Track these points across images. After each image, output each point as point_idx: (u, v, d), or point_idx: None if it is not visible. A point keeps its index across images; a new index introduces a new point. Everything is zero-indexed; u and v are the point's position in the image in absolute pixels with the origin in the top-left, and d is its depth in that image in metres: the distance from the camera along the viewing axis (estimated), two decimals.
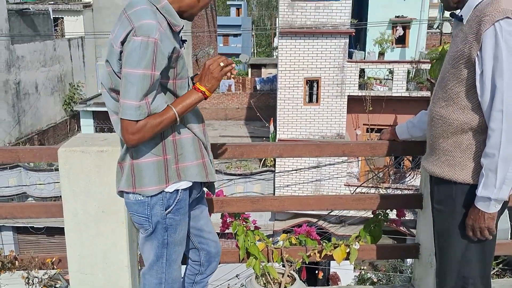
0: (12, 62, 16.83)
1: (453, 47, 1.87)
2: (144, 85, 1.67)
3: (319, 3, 13.90)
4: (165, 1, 1.77)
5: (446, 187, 1.90)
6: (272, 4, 58.87)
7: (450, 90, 1.85)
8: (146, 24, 1.66)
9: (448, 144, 1.88)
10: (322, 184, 14.48)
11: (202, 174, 1.93)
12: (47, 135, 18.96)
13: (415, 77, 14.87)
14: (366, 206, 2.66)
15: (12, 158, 2.46)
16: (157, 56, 1.66)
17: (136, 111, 1.69)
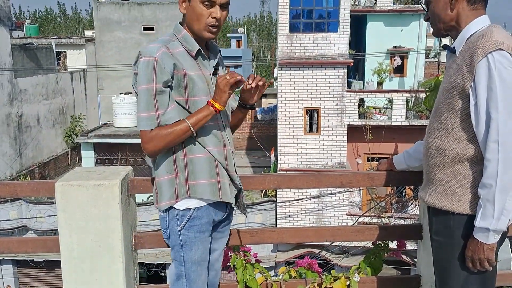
0: (15, 95, 17.01)
1: (446, 78, 1.88)
2: (148, 97, 1.88)
3: (317, 35, 14.13)
4: (184, 31, 1.99)
5: (444, 218, 1.89)
6: (272, 36, 59.83)
7: (445, 120, 1.86)
8: (149, 47, 1.92)
9: (445, 175, 1.88)
10: (324, 214, 14.39)
11: (215, 193, 2.00)
12: (48, 168, 18.98)
13: (414, 105, 14.97)
14: (365, 237, 2.63)
15: (10, 193, 2.46)
16: (156, 71, 1.86)
17: (147, 121, 1.89)
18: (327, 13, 14.24)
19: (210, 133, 2.01)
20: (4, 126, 16.38)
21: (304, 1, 14.13)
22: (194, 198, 1.98)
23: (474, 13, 1.85)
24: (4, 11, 16.32)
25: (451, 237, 1.86)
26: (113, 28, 21.65)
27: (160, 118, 1.90)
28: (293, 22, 14.25)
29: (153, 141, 1.91)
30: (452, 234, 1.86)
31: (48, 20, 58.56)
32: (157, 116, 1.89)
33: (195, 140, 1.99)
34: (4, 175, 16.10)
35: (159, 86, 1.88)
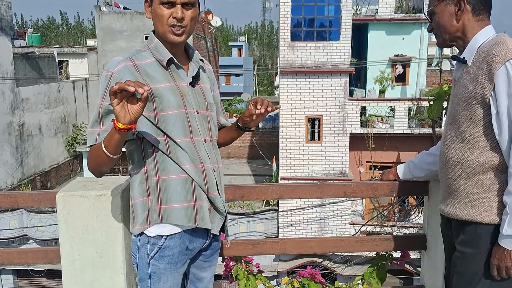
0: (17, 104, 17.04)
1: (460, 89, 1.86)
2: (96, 113, 1.77)
3: (318, 43, 14.16)
4: (156, 40, 1.84)
5: (471, 229, 1.86)
6: (273, 45, 60.08)
7: (465, 131, 1.85)
8: (111, 60, 1.79)
9: (469, 186, 1.86)
10: (326, 223, 14.33)
11: (190, 219, 1.81)
12: (49, 176, 18.97)
13: (416, 114, 14.96)
14: (368, 248, 2.60)
15: (11, 204, 2.44)
16: (108, 87, 1.71)
17: (89, 137, 1.79)
18: (329, 21, 14.29)
19: (185, 149, 1.82)
20: (5, 135, 16.40)
21: (306, 10, 14.18)
22: (167, 223, 1.80)
23: (480, 23, 1.86)
24: (6, 20, 16.40)
25: (477, 247, 1.84)
26: (115, 37, 21.73)
27: (100, 134, 1.75)
28: (294, 30, 14.30)
29: (89, 158, 1.79)
30: (478, 244, 1.84)
31: (50, 29, 58.92)
32: (98, 132, 1.75)
33: (169, 158, 1.81)
34: (5, 184, 16.09)
35: (106, 104, 1.72)
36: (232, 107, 35.16)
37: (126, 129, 1.61)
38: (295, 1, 14.12)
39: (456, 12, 1.86)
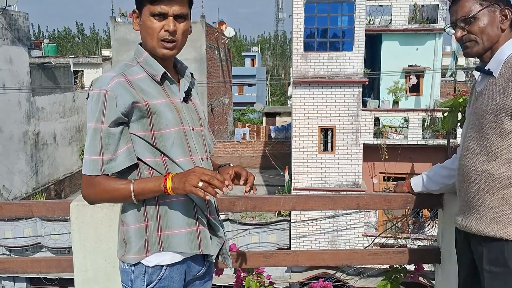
0: (32, 113, 17.29)
1: (486, 100, 1.81)
2: (95, 139, 1.59)
3: (331, 54, 14.17)
4: (146, 53, 1.70)
5: (497, 246, 1.80)
6: (286, 55, 60.25)
7: (491, 144, 1.79)
8: (101, 77, 1.63)
9: (494, 201, 1.80)
10: (339, 235, 14.23)
11: (193, 244, 1.68)
12: (63, 185, 19.15)
13: (430, 125, 14.84)
14: (382, 261, 2.58)
15: (26, 212, 2.47)
16: (106, 108, 1.57)
17: (89, 165, 1.60)
18: (342, 32, 14.30)
19: (182, 169, 1.68)
20: (21, 144, 16.63)
21: (319, 21, 14.22)
22: (169, 251, 1.66)
23: (510, 35, 1.83)
24: (23, 31, 16.69)
25: (507, 266, 1.78)
26: (130, 48, 21.96)
27: (104, 164, 1.59)
28: (307, 41, 14.33)
29: (95, 188, 1.61)
30: (508, 263, 1.77)
31: (66, 39, 59.84)
32: (101, 161, 1.59)
33: None
34: (20, 192, 16.28)
35: (106, 126, 1.57)
36: (244, 117, 35.24)
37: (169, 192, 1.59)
38: (308, 11, 14.16)
39: (502, 20, 1.81)
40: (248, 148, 22.49)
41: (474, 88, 1.97)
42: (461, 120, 2.93)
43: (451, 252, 2.37)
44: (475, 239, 1.88)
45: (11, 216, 3.03)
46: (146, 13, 1.65)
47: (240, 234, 13.51)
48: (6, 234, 13.27)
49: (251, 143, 22.72)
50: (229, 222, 13.79)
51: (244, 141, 23.06)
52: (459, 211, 1.99)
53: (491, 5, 1.81)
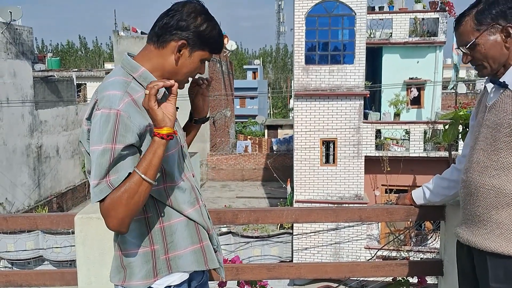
0: (35, 126, 17.37)
1: (500, 114, 1.77)
2: (104, 161, 1.45)
3: (333, 67, 14.25)
4: (143, 68, 1.60)
5: (504, 263, 1.76)
6: (288, 68, 60.51)
7: (504, 158, 1.75)
8: (108, 95, 1.50)
9: (503, 216, 1.76)
10: (341, 247, 14.17)
11: (200, 261, 1.69)
12: (65, 198, 19.16)
13: (432, 137, 14.85)
14: (384, 273, 2.58)
15: (30, 225, 2.49)
16: (118, 129, 1.46)
17: (97, 190, 1.47)
18: (343, 45, 14.39)
19: (186, 190, 1.67)
20: (24, 157, 16.68)
21: (320, 34, 14.32)
22: (177, 272, 1.65)
23: None
24: (28, 45, 16.84)
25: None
26: None
27: (112, 183, 1.47)
28: (308, 54, 14.42)
29: (111, 211, 1.47)
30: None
31: (70, 53, 60.25)
32: (108, 181, 1.46)
33: (169, 206, 1.63)
34: (23, 205, 16.29)
35: (119, 147, 1.46)
36: (246, 130, 35.29)
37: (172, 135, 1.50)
38: (309, 25, 14.27)
39: (505, 40, 1.76)
40: (250, 161, 22.50)
41: (481, 99, 1.94)
42: (462, 133, 2.95)
43: (454, 264, 2.36)
44: (480, 254, 1.84)
45: (16, 229, 3.06)
46: (199, 55, 1.62)
47: (242, 247, 13.47)
48: (9, 247, 13.26)
49: (253, 156, 22.74)
50: (231, 235, 13.76)
51: (246, 154, 23.08)
52: (462, 224, 1.95)
53: (490, 27, 1.77)
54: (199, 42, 1.61)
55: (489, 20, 1.76)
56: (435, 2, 15.82)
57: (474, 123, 1.97)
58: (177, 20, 1.59)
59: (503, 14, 1.75)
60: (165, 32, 1.60)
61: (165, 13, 1.62)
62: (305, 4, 14.10)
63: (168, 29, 1.59)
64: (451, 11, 15.55)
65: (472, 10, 1.82)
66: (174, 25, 1.58)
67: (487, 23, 1.77)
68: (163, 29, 1.60)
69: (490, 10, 1.77)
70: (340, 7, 14.07)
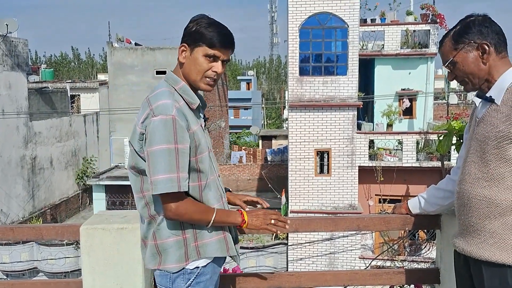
0: (30, 138, 17.34)
1: (488, 127, 1.84)
2: (171, 159, 1.78)
3: (326, 78, 14.39)
4: (182, 82, 1.92)
5: (499, 272, 1.81)
6: (281, 78, 60.75)
7: (493, 170, 1.81)
8: (162, 104, 1.81)
9: (495, 226, 1.81)
10: (336, 257, 14.19)
11: (223, 249, 2.00)
12: (59, 209, 19.07)
13: (424, 147, 15.00)
14: (383, 281, 2.64)
15: (36, 236, 2.52)
16: (177, 130, 1.79)
17: (166, 183, 1.78)
18: (336, 57, 14.56)
19: (213, 188, 1.99)
20: (18, 168, 16.63)
21: (314, 46, 14.49)
22: (204, 258, 1.97)
23: (503, 61, 1.88)
24: (23, 57, 16.88)
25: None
26: (126, 72, 22.18)
27: (181, 181, 1.80)
28: (302, 65, 14.57)
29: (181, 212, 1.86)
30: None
31: (63, 64, 60.15)
32: (178, 178, 1.80)
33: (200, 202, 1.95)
34: (17, 217, 16.21)
35: (181, 146, 1.80)
36: (241, 140, 35.32)
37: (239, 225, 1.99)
38: (303, 37, 14.44)
39: (482, 56, 1.86)
40: (244, 171, 22.53)
41: (473, 113, 2.01)
42: (456, 144, 3.03)
43: (450, 272, 2.40)
44: (476, 263, 1.89)
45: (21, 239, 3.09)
46: (200, 52, 1.89)
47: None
48: (4, 258, 13.18)
49: (248, 166, 22.78)
50: None
51: (240, 164, 23.13)
52: (459, 234, 2.01)
53: (466, 45, 1.87)
54: (193, 40, 1.89)
55: (465, 39, 1.88)
56: (426, 14, 16.07)
57: (467, 136, 2.04)
58: (183, 33, 1.93)
59: (479, 32, 1.86)
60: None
61: None
62: (299, 16, 14.28)
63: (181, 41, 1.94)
64: (442, 23, 15.80)
65: (451, 31, 1.94)
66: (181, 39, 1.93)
67: (463, 42, 1.88)
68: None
69: (466, 30, 1.88)
70: (333, 19, 14.26)
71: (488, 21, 1.88)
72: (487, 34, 1.85)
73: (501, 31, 1.89)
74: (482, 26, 1.86)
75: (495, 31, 1.86)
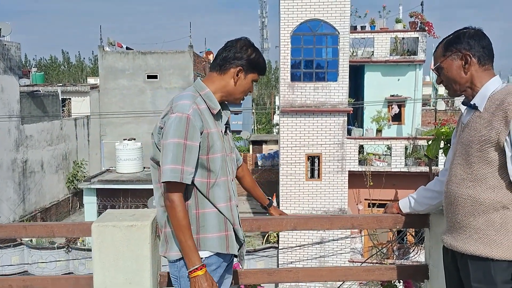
0: (21, 141, 17.32)
1: (472, 132, 1.99)
2: (178, 151, 1.97)
3: (317, 84, 14.61)
4: (207, 89, 2.14)
5: (483, 265, 1.95)
6: (271, 84, 60.95)
7: (477, 171, 1.96)
8: (181, 104, 2.04)
9: (479, 223, 1.96)
10: (326, 261, 14.36)
11: (223, 246, 2.13)
12: (49, 213, 19.01)
13: (413, 152, 15.25)
14: (375, 277, 2.80)
15: (48, 233, 2.65)
16: (189, 128, 1.99)
17: (171, 173, 1.97)
18: (327, 63, 14.78)
19: (223, 188, 2.14)
20: (9, 172, 16.59)
21: (305, 52, 14.70)
22: (204, 250, 2.10)
23: (486, 73, 2.03)
24: (15, 60, 16.88)
25: (493, 283, 1.93)
26: (118, 76, 22.18)
27: (184, 174, 1.98)
28: (294, 71, 14.76)
29: (171, 202, 2.00)
30: (494, 280, 1.92)
31: (52, 67, 59.78)
32: (182, 170, 1.98)
33: (205, 197, 2.11)
34: (8, 220, 16.14)
35: (190, 143, 1.99)
36: None
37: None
38: (294, 43, 14.65)
39: (463, 66, 2.02)
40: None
41: (460, 120, 2.18)
42: (443, 148, 3.23)
43: (438, 269, 2.55)
44: (462, 257, 2.04)
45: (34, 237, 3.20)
46: (251, 78, 2.21)
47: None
48: None
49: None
50: None
51: None
52: (446, 230, 2.17)
53: (453, 54, 2.04)
54: (251, 67, 2.18)
55: (453, 48, 2.06)
56: (415, 22, 16.37)
57: (454, 140, 2.21)
58: (233, 53, 2.15)
59: (467, 44, 2.03)
60: (225, 62, 2.16)
61: (223, 49, 2.19)
62: (291, 23, 14.49)
63: (228, 60, 2.15)
64: (430, 31, 16.11)
65: (445, 39, 2.13)
66: (232, 57, 2.15)
67: (451, 50, 2.06)
68: (223, 60, 2.16)
69: (456, 40, 2.06)
70: (324, 26, 14.49)
71: (478, 35, 2.04)
72: (473, 47, 2.02)
73: (489, 45, 2.04)
74: (471, 38, 2.03)
75: (482, 45, 2.02)
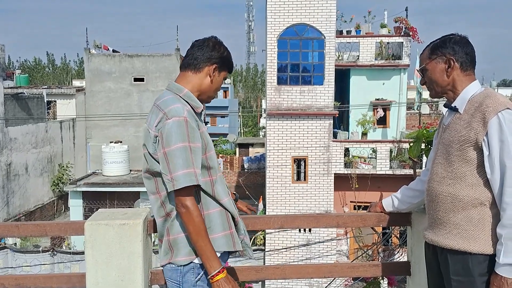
0: (5, 144, 17.15)
1: (453, 132, 2.10)
2: (187, 155, 1.97)
3: (304, 87, 14.75)
4: (186, 90, 2.14)
5: (462, 258, 2.06)
6: (258, 87, 61.13)
7: (457, 169, 2.07)
8: (174, 108, 2.02)
9: (458, 219, 2.07)
10: (313, 263, 14.46)
11: (230, 244, 2.16)
12: (34, 216, 18.84)
13: (397, 155, 15.45)
14: (359, 273, 2.90)
15: (40, 233, 2.69)
16: (189, 131, 1.99)
17: (186, 177, 1.96)
18: (313, 67, 14.94)
19: (221, 183, 2.17)
20: None
21: (291, 56, 14.84)
22: None
23: (468, 78, 2.14)
24: None
25: (471, 276, 2.04)
26: (104, 79, 22.10)
27: (197, 175, 1.98)
28: (280, 75, 14.89)
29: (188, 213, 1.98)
30: (471, 273, 2.03)
31: (37, 70, 59.15)
32: (195, 173, 1.98)
33: (211, 196, 2.12)
34: None
35: (194, 145, 2.00)
36: (217, 148, 35.42)
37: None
38: (281, 47, 14.78)
39: (447, 69, 2.13)
40: None
41: (441, 121, 2.30)
42: (425, 149, 3.34)
43: (420, 265, 2.65)
44: (442, 252, 2.15)
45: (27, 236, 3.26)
46: (223, 75, 2.24)
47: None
48: None
49: (225, 174, 22.93)
50: None
51: None
52: (428, 227, 2.28)
53: (438, 57, 2.15)
54: (224, 65, 2.22)
55: (438, 52, 2.17)
56: (399, 27, 16.62)
57: (436, 141, 2.33)
58: (207, 51, 2.17)
59: (452, 49, 2.15)
60: (200, 61, 2.17)
61: (195, 48, 2.20)
62: (277, 27, 14.62)
63: (202, 58, 2.17)
64: (414, 36, 16.37)
65: (432, 42, 2.24)
66: (206, 55, 2.17)
67: (437, 54, 2.17)
68: (197, 59, 2.17)
69: (442, 45, 2.17)
70: (310, 30, 14.65)
71: (463, 42, 2.15)
72: (457, 52, 2.13)
73: (472, 53, 2.16)
74: (456, 44, 2.14)
75: (465, 51, 2.14)
